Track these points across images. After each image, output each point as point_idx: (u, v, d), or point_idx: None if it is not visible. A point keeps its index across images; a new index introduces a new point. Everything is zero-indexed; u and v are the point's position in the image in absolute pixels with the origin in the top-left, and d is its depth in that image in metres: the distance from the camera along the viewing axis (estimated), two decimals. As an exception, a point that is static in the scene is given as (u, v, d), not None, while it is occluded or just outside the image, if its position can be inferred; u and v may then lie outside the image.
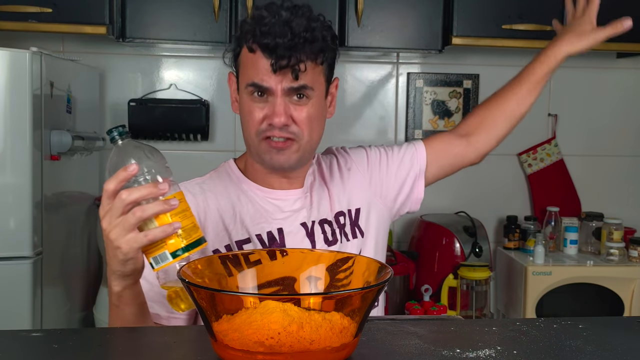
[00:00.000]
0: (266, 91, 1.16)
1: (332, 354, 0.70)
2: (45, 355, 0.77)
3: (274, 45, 1.11)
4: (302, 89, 1.16)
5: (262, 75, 1.15)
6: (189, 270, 0.79)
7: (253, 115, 1.18)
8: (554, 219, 2.55)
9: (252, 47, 1.15)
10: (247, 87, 1.17)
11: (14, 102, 1.78)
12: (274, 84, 1.15)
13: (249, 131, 1.19)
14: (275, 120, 1.15)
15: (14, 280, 1.79)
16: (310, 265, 0.88)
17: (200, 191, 1.24)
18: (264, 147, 1.19)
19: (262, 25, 1.13)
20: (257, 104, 1.17)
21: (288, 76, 1.14)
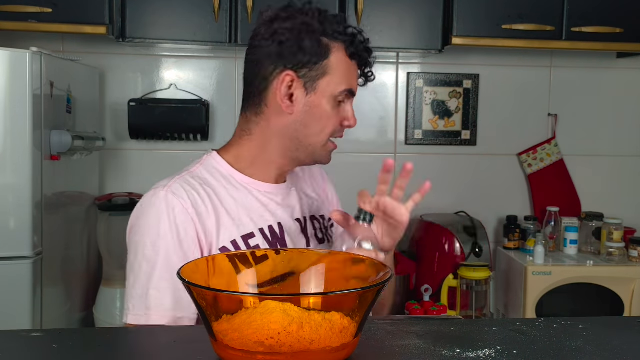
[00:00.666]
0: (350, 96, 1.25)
1: (332, 354, 0.70)
2: (45, 355, 0.77)
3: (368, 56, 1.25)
4: None
5: (354, 82, 1.25)
6: (188, 270, 0.79)
7: (333, 120, 1.24)
8: (554, 219, 2.55)
9: (353, 55, 1.23)
10: (342, 93, 1.23)
11: (14, 102, 1.78)
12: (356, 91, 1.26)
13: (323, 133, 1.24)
14: (353, 122, 1.26)
15: (14, 280, 1.79)
16: (311, 264, 0.88)
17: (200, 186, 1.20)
18: (329, 148, 1.27)
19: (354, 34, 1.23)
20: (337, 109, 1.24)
21: None
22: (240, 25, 2.22)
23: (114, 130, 2.55)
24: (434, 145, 2.70)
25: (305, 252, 0.93)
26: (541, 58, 2.72)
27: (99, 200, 2.40)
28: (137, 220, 1.17)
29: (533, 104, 2.75)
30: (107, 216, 2.34)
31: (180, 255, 1.13)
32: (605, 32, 2.34)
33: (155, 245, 1.13)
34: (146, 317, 1.12)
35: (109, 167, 2.56)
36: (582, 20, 2.33)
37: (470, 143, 2.71)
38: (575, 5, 2.33)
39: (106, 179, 2.56)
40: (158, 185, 1.19)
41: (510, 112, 2.74)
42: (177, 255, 1.13)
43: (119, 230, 2.33)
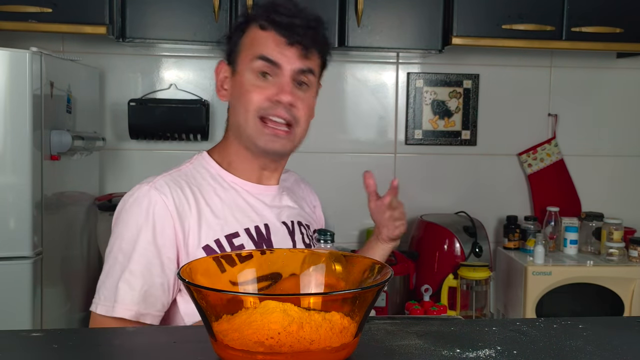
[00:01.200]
0: (274, 69, 1.17)
1: (332, 354, 0.70)
2: (45, 355, 0.77)
3: (289, 23, 1.16)
4: (307, 73, 1.19)
5: (273, 50, 1.16)
6: (188, 270, 0.79)
7: (254, 94, 1.17)
8: (554, 219, 2.55)
9: (264, 24, 1.17)
10: (256, 60, 1.17)
11: (14, 102, 1.78)
12: (285, 61, 1.17)
13: (247, 111, 1.18)
14: (283, 98, 1.16)
15: (14, 280, 1.79)
16: (310, 264, 0.88)
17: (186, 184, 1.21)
18: (260, 129, 1.18)
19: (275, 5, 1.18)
20: (261, 83, 1.17)
21: (299, 55, 1.17)
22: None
23: (114, 130, 2.55)
24: (434, 145, 2.70)
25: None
26: (541, 58, 2.72)
27: (99, 200, 2.40)
28: (120, 212, 1.20)
29: (533, 104, 2.75)
30: (107, 216, 2.34)
31: (153, 252, 1.14)
32: (605, 32, 2.34)
33: (132, 239, 1.15)
34: (112, 309, 1.13)
35: (109, 167, 2.56)
36: (582, 20, 2.33)
37: (470, 143, 2.71)
38: (575, 5, 2.33)
39: (106, 179, 2.56)
40: (144, 180, 1.21)
41: (510, 112, 2.74)
42: (150, 251, 1.14)
43: (119, 230, 2.35)
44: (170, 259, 1.15)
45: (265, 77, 1.17)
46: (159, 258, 1.14)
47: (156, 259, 1.14)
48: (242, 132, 1.21)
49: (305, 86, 1.20)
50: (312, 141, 2.42)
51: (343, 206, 2.64)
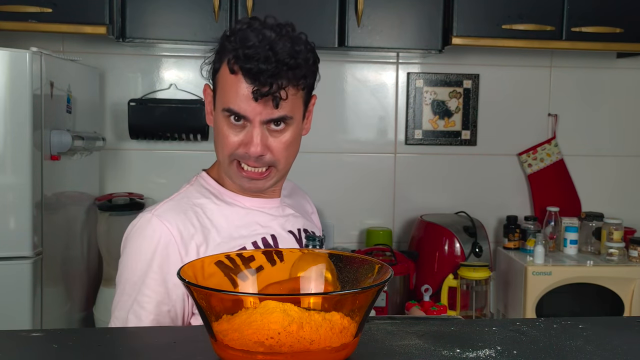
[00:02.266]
0: (243, 118, 1.12)
1: (332, 354, 0.70)
2: (45, 355, 0.77)
3: (257, 71, 1.07)
4: (280, 120, 1.13)
5: (240, 102, 1.10)
6: (189, 270, 0.79)
7: (228, 140, 1.14)
8: (554, 219, 2.55)
9: (234, 68, 1.10)
10: (224, 111, 1.13)
11: (14, 102, 1.78)
12: (252, 114, 1.11)
13: (223, 152, 1.17)
14: (251, 150, 1.12)
15: (14, 280, 1.79)
16: (310, 265, 0.88)
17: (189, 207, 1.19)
18: (235, 171, 1.17)
19: (246, 47, 1.08)
20: (233, 129, 1.14)
21: (268, 105, 1.10)
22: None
23: (114, 130, 2.55)
24: (434, 145, 2.70)
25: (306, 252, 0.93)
26: (541, 58, 2.72)
27: (99, 200, 2.40)
28: (125, 241, 1.19)
29: (533, 104, 2.75)
30: (107, 216, 2.34)
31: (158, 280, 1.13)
32: (605, 32, 2.34)
33: (137, 270, 1.15)
34: None
35: (109, 167, 2.56)
36: (582, 20, 2.33)
37: (470, 143, 2.71)
38: (575, 5, 2.33)
39: (106, 179, 2.56)
40: (148, 209, 1.20)
41: (510, 112, 2.74)
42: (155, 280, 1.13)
43: (119, 230, 2.33)
44: (177, 284, 1.13)
45: (239, 120, 1.12)
46: (164, 286, 1.13)
47: (161, 287, 1.13)
48: (223, 168, 1.21)
49: (282, 124, 1.14)
50: (312, 141, 2.42)
51: (343, 206, 2.64)
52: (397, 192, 2.69)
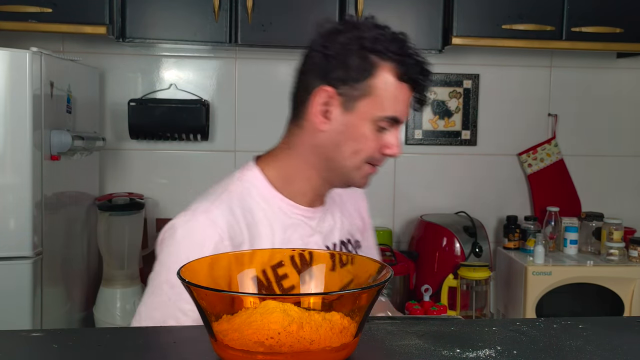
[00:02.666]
0: (394, 125, 1.18)
1: (332, 354, 0.70)
2: (45, 355, 0.77)
3: (424, 81, 1.16)
4: None
5: (402, 109, 1.16)
6: (187, 271, 0.79)
7: (371, 144, 1.17)
8: (554, 219, 2.55)
9: (403, 77, 1.15)
10: (384, 119, 1.15)
11: (14, 102, 1.78)
12: (405, 118, 1.19)
13: (358, 156, 1.17)
14: (396, 151, 1.18)
15: (14, 280, 1.79)
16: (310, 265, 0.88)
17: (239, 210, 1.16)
18: (365, 171, 1.20)
19: (411, 56, 1.15)
20: (379, 133, 1.17)
21: None
22: (240, 25, 2.22)
23: (114, 130, 2.55)
24: (434, 145, 2.70)
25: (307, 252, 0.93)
26: (541, 58, 2.72)
27: (99, 200, 2.40)
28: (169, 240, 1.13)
29: (533, 104, 2.75)
30: (107, 216, 2.34)
31: None
32: (605, 32, 2.34)
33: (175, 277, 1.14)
34: None
35: (109, 167, 2.56)
36: (582, 20, 2.33)
37: (470, 143, 2.71)
38: (575, 5, 2.33)
39: (106, 179, 2.56)
40: (197, 208, 1.14)
41: (510, 112, 2.74)
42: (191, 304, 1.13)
43: (119, 230, 2.35)
44: None
45: (385, 127, 1.18)
46: None
47: None
48: (339, 169, 1.20)
49: None
50: (312, 141, 2.42)
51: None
52: (397, 192, 2.69)
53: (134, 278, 2.38)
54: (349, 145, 1.16)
